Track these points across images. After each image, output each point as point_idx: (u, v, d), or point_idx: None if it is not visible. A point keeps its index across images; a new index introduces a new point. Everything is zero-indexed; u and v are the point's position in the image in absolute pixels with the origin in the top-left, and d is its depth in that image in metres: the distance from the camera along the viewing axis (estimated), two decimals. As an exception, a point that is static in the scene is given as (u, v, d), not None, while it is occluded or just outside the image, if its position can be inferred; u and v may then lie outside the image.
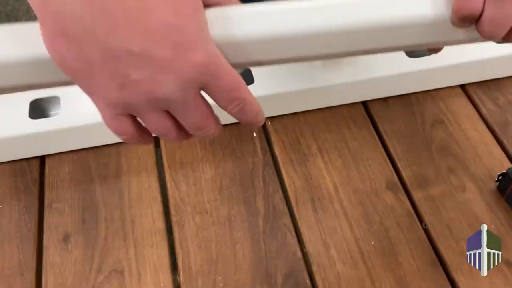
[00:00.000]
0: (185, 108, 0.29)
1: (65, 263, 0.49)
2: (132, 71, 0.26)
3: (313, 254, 0.50)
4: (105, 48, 0.25)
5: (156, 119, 0.29)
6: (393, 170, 0.57)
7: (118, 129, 0.30)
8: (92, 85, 0.27)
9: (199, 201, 0.54)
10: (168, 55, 0.26)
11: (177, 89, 0.27)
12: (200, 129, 0.31)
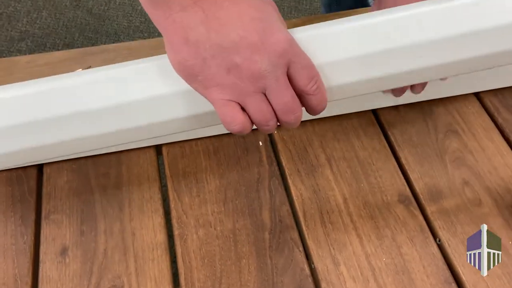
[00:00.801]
0: (278, 86, 0.37)
1: (62, 278, 0.47)
2: (234, 56, 0.35)
3: (321, 271, 0.48)
4: (215, 43, 0.35)
5: (257, 102, 0.37)
6: (405, 182, 0.55)
7: (230, 114, 0.38)
8: (206, 75, 0.36)
9: (203, 214, 0.52)
10: (259, 38, 0.35)
11: (270, 65, 0.36)
12: (291, 111, 0.38)
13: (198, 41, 0.35)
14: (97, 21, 1.62)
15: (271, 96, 0.38)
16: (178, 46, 0.36)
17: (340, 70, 0.41)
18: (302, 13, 1.69)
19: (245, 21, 0.36)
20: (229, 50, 0.35)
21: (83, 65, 0.65)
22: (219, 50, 0.35)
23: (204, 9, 0.35)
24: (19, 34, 1.57)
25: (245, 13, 0.36)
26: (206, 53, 0.36)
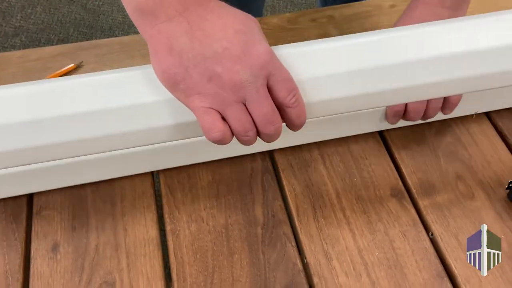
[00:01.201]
0: (258, 97, 0.37)
1: (54, 274, 0.47)
2: (216, 66, 0.36)
3: (314, 266, 0.48)
4: (198, 53, 0.36)
5: (237, 112, 0.38)
6: (398, 176, 0.55)
7: (210, 121, 0.38)
8: (188, 84, 0.37)
9: (195, 209, 0.52)
10: (241, 50, 0.36)
11: (251, 76, 0.36)
12: (271, 122, 0.39)
13: (182, 51, 0.36)
14: (91, 16, 1.61)
15: (251, 106, 0.38)
16: (162, 55, 0.37)
17: (319, 86, 0.40)
18: (298, 7, 1.68)
19: (228, 33, 0.36)
20: (211, 60, 0.36)
21: (75, 60, 0.64)
22: (202, 59, 0.36)
23: (189, 20, 0.36)
24: (13, 30, 1.56)
25: (229, 25, 0.37)
26: (189, 62, 0.36)
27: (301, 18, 0.71)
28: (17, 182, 0.50)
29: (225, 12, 0.37)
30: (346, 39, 0.41)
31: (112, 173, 0.53)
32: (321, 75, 0.40)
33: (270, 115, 0.39)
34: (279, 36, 0.68)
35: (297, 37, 0.68)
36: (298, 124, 0.41)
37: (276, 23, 0.70)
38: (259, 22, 0.70)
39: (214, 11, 0.37)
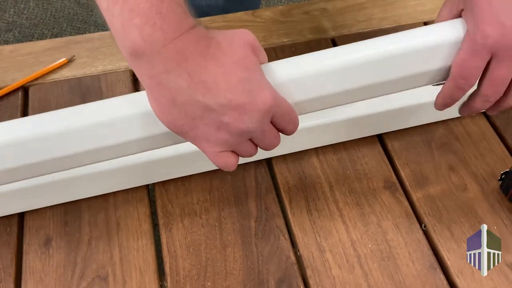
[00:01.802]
0: (263, 135, 0.39)
1: (46, 268, 0.47)
2: (223, 117, 0.36)
3: (307, 258, 0.48)
4: (203, 106, 0.35)
5: (246, 148, 0.39)
6: (391, 168, 0.55)
7: (222, 162, 0.39)
8: (196, 133, 0.37)
9: (188, 202, 0.52)
10: (247, 100, 0.36)
11: (257, 122, 0.37)
12: (274, 146, 0.41)
13: (186, 104, 0.35)
14: (85, 11, 1.60)
15: (258, 141, 0.40)
16: (166, 107, 0.36)
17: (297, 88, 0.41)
18: (292, 0, 1.67)
19: (231, 83, 0.35)
20: (217, 112, 0.35)
21: (67, 54, 0.64)
22: (208, 111, 0.35)
23: (189, 72, 0.34)
24: (6, 25, 1.55)
25: (231, 74, 0.35)
26: (195, 114, 0.36)
27: (294, 11, 0.71)
28: (8, 201, 0.49)
29: (226, 58, 0.35)
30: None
31: (104, 188, 0.52)
32: (297, 77, 0.40)
33: (274, 142, 0.41)
34: (272, 29, 0.68)
35: (290, 29, 0.68)
36: (291, 134, 0.42)
37: (269, 16, 0.70)
38: (253, 15, 0.70)
39: (214, 59, 0.35)
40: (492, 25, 0.37)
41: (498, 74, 0.39)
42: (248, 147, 0.40)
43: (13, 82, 0.61)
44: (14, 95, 0.60)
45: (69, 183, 0.49)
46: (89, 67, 0.63)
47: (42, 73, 0.62)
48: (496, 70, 0.39)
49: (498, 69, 0.39)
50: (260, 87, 0.36)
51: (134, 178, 0.52)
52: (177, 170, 0.53)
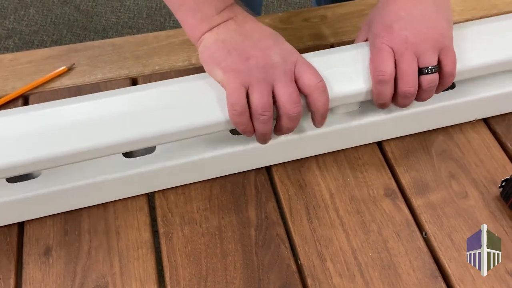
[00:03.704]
0: (285, 77, 0.45)
1: (46, 278, 0.47)
2: (253, 50, 0.45)
3: (308, 267, 0.48)
4: (239, 41, 0.46)
5: (262, 87, 0.44)
6: (391, 176, 0.54)
7: (236, 96, 0.44)
8: (228, 62, 0.45)
9: (188, 211, 0.51)
10: (274, 42, 0.47)
11: (281, 59, 0.45)
12: (294, 102, 0.45)
13: (226, 39, 0.46)
14: (85, 18, 1.61)
15: (278, 86, 0.45)
16: (211, 44, 0.46)
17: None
18: (292, 6, 1.68)
19: (263, 33, 0.47)
20: (249, 46, 0.46)
21: (67, 62, 0.64)
22: (242, 45, 0.46)
23: (236, 21, 0.47)
24: (6, 32, 1.55)
25: (263, 29, 0.48)
26: (231, 47, 0.46)
27: (293, 18, 0.71)
28: (8, 210, 0.49)
29: (261, 23, 0.48)
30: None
31: (104, 197, 0.52)
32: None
33: (295, 95, 0.45)
34: (272, 36, 0.68)
35: (290, 36, 0.68)
36: (323, 113, 0.47)
37: (268, 23, 0.70)
38: (252, 22, 0.70)
39: (254, 20, 0.48)
40: (384, 29, 0.48)
41: (403, 67, 0.47)
42: (265, 88, 0.44)
43: (13, 90, 0.61)
44: (14, 104, 0.60)
45: (69, 192, 0.49)
46: (89, 75, 0.63)
47: (42, 82, 0.62)
48: (401, 64, 0.47)
49: (401, 63, 0.47)
50: (285, 41, 0.48)
51: (134, 187, 0.52)
52: (177, 179, 0.53)
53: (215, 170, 0.53)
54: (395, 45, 0.47)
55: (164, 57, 0.65)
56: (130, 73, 0.64)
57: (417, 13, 0.47)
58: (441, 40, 0.47)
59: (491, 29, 0.54)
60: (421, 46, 0.46)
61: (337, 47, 0.52)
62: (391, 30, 0.47)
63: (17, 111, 0.47)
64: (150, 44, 0.67)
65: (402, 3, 0.48)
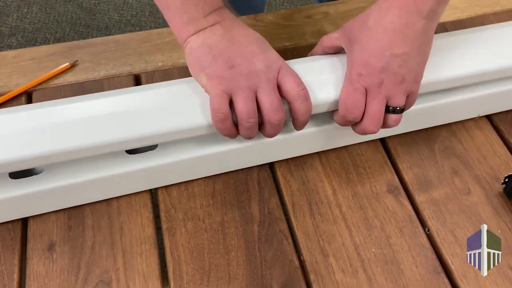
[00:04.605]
0: (268, 85, 0.45)
1: (50, 273, 0.47)
2: (238, 58, 0.45)
3: (310, 262, 0.48)
4: (225, 47, 0.46)
5: (246, 95, 0.45)
6: (394, 172, 0.54)
7: (218, 102, 0.45)
8: (213, 68, 0.45)
9: (191, 207, 0.52)
10: (259, 50, 0.47)
11: (264, 66, 0.46)
12: (276, 110, 0.45)
13: (212, 45, 0.46)
14: (88, 15, 1.61)
15: (261, 93, 0.45)
16: (197, 48, 0.47)
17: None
18: (294, 4, 1.68)
19: (250, 39, 0.47)
20: (234, 52, 0.46)
21: (70, 59, 0.64)
22: (227, 51, 0.46)
23: (223, 26, 0.47)
24: (9, 30, 1.56)
25: (250, 35, 0.48)
26: (216, 52, 0.46)
27: (296, 15, 0.71)
28: (12, 206, 0.49)
29: (248, 28, 0.49)
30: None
31: (108, 193, 0.52)
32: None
33: (277, 103, 0.45)
34: (274, 33, 0.68)
35: (292, 34, 0.68)
36: (304, 121, 0.48)
37: (271, 20, 0.70)
38: (255, 19, 0.70)
39: (241, 25, 0.48)
40: (365, 65, 0.46)
41: (372, 108, 0.47)
42: (248, 95, 0.45)
43: (16, 87, 0.61)
44: (18, 100, 0.60)
45: (72, 188, 0.49)
46: (92, 72, 0.63)
47: (45, 78, 0.62)
48: (370, 105, 0.47)
49: (372, 104, 0.47)
50: (270, 48, 0.48)
51: (137, 183, 0.52)
52: (180, 175, 0.53)
53: (218, 167, 0.53)
54: (370, 87, 0.47)
55: (167, 54, 0.65)
56: (133, 69, 0.64)
57: (400, 54, 0.45)
58: (413, 85, 0.47)
59: (478, 38, 0.54)
60: (394, 90, 0.47)
61: (319, 55, 0.52)
62: (371, 70, 0.46)
63: (22, 108, 0.48)
64: (153, 41, 0.67)
65: (391, 39, 0.45)
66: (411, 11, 0.45)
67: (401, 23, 0.45)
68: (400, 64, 0.46)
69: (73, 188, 0.49)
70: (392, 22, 0.45)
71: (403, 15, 0.45)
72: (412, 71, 0.47)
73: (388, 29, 0.45)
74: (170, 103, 0.48)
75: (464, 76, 0.52)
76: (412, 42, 0.46)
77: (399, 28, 0.45)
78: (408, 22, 0.45)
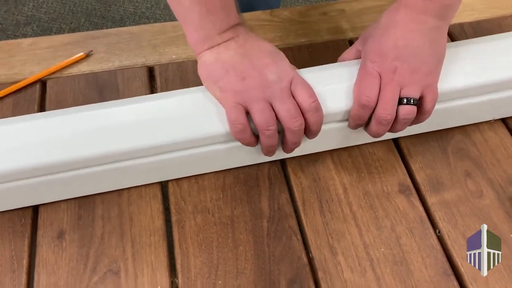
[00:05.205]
0: (282, 95, 0.46)
1: (59, 261, 0.47)
2: (250, 70, 0.46)
3: (319, 260, 0.48)
4: (238, 61, 0.47)
5: (261, 106, 0.46)
6: (406, 172, 0.54)
7: (235, 115, 0.46)
8: (225, 81, 0.47)
9: (201, 200, 0.52)
10: (271, 61, 0.48)
11: (276, 77, 0.46)
12: (294, 117, 0.46)
13: (225, 59, 0.47)
14: (103, 7, 1.61)
15: (276, 103, 0.46)
16: (210, 62, 0.48)
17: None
18: (310, 1, 1.67)
19: (263, 51, 0.48)
20: (247, 65, 0.46)
21: (84, 49, 0.64)
22: (240, 65, 0.47)
23: (236, 41, 0.48)
24: (25, 19, 1.57)
25: (263, 47, 0.49)
26: (229, 66, 0.47)
27: (311, 12, 0.70)
28: (23, 193, 0.50)
29: (261, 40, 0.49)
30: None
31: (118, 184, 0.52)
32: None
33: (293, 111, 0.46)
34: (290, 29, 0.68)
35: (308, 30, 0.68)
36: (315, 130, 0.48)
37: (286, 16, 0.70)
38: (270, 15, 0.70)
39: (255, 39, 0.49)
40: (378, 54, 0.48)
41: (386, 94, 0.47)
42: (264, 106, 0.45)
43: (31, 75, 0.61)
44: (32, 88, 0.60)
45: (84, 178, 0.49)
46: (106, 62, 0.63)
47: (60, 67, 0.62)
48: (384, 91, 0.47)
49: (385, 90, 0.47)
50: (284, 59, 0.49)
51: (148, 175, 0.52)
52: (191, 169, 0.53)
53: (229, 162, 0.53)
54: (383, 73, 0.47)
55: (181, 46, 0.65)
56: (147, 61, 0.64)
57: (413, 46, 0.48)
58: (428, 78, 0.48)
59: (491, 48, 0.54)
60: (408, 79, 0.47)
61: (332, 64, 0.53)
62: (384, 57, 0.48)
63: (49, 114, 0.50)
64: (167, 34, 0.67)
65: (402, 31, 0.48)
66: (419, 10, 0.48)
67: (412, 19, 0.48)
68: (413, 54, 0.47)
69: (85, 178, 0.49)
70: (402, 19, 0.48)
71: (413, 13, 0.48)
72: (426, 64, 0.48)
73: (399, 24, 0.49)
74: (188, 112, 0.49)
75: (482, 85, 0.52)
76: (424, 37, 0.48)
77: (410, 24, 0.48)
78: (419, 19, 0.48)
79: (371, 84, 0.48)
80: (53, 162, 0.46)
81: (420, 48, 0.48)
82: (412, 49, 0.48)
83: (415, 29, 0.48)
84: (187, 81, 0.62)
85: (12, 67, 0.63)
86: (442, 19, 0.49)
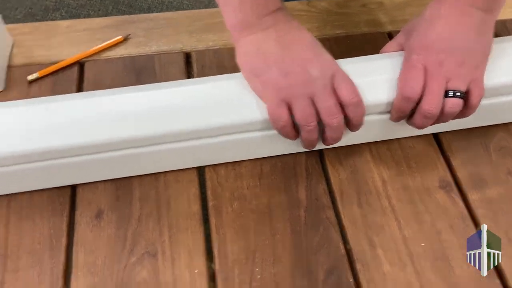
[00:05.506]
0: (324, 92, 0.45)
1: (97, 240, 0.47)
2: (292, 66, 0.46)
3: (357, 252, 0.47)
4: (280, 55, 0.46)
5: (303, 103, 0.45)
6: (447, 168, 0.53)
7: (278, 114, 0.46)
8: (267, 77, 0.46)
9: (238, 187, 0.51)
10: (313, 55, 0.47)
11: (319, 73, 0.45)
12: (334, 114, 0.46)
13: (267, 52, 0.46)
14: (131, -5, 1.62)
15: (318, 99, 0.45)
16: (251, 54, 0.47)
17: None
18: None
19: (304, 44, 0.47)
20: (289, 61, 0.46)
21: (122, 33, 0.64)
22: (282, 59, 0.46)
23: (277, 31, 0.47)
24: (54, 4, 1.58)
25: (305, 39, 0.48)
26: (271, 60, 0.46)
27: (350, 3, 0.69)
28: (62, 173, 0.50)
29: (302, 30, 0.48)
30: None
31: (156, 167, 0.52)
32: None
33: (333, 107, 0.45)
34: (327, 20, 0.67)
35: (345, 21, 0.67)
36: (356, 125, 0.48)
37: (324, 7, 0.69)
38: (308, 5, 0.69)
39: (295, 28, 0.48)
40: (423, 47, 0.47)
41: (431, 87, 0.46)
42: (305, 103, 0.45)
43: (67, 57, 0.62)
44: (71, 70, 0.61)
45: (121, 159, 0.49)
46: (144, 47, 0.63)
47: (99, 50, 0.62)
48: (429, 84, 0.46)
49: (431, 83, 0.46)
50: (324, 52, 0.48)
51: (186, 159, 0.52)
52: (228, 155, 0.53)
53: (266, 150, 0.53)
54: (429, 65, 0.47)
55: (218, 33, 0.65)
56: (184, 47, 0.64)
57: (458, 38, 0.47)
58: (474, 72, 0.47)
59: None
60: (454, 72, 0.46)
61: (373, 55, 0.52)
62: (429, 50, 0.47)
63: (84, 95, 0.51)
64: (204, 20, 0.67)
65: (447, 24, 0.47)
66: (465, 2, 0.47)
67: (458, 12, 0.47)
68: (460, 47, 0.47)
69: (122, 159, 0.49)
70: (448, 11, 0.48)
71: (459, 6, 0.47)
72: (472, 57, 0.47)
73: (444, 18, 0.47)
74: (225, 98, 0.49)
75: None
76: (469, 30, 0.47)
77: (455, 17, 0.47)
78: (464, 12, 0.47)
79: (416, 76, 0.47)
80: (91, 142, 0.47)
81: (466, 41, 0.47)
82: (459, 42, 0.47)
83: (462, 22, 0.47)
84: (224, 68, 0.61)
85: (50, 48, 0.63)
86: (489, 12, 0.48)
